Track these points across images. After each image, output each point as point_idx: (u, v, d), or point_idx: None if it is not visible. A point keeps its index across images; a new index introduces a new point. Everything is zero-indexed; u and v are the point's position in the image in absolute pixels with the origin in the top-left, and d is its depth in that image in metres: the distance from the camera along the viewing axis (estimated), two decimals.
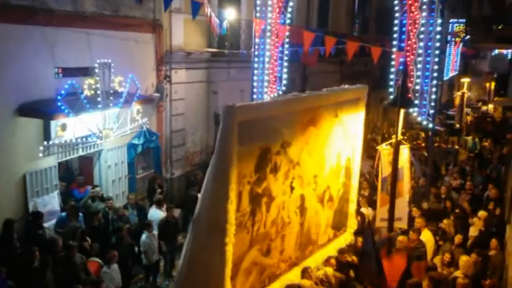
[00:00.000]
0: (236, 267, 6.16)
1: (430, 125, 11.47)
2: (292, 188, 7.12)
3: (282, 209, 6.97)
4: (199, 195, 6.14)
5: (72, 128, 9.67)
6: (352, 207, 9.15)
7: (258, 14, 12.63)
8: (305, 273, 7.37)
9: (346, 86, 8.89)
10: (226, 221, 5.74)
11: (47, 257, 7.57)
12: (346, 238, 8.99)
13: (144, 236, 9.29)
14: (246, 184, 6.12)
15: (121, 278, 8.40)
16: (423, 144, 17.12)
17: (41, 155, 9.32)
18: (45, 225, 9.03)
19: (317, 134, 7.47)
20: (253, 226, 6.42)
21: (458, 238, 9.09)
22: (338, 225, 8.75)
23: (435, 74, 11.19)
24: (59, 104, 8.88)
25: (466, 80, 24.19)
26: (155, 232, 9.63)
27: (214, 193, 5.82)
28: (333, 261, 7.97)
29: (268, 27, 12.57)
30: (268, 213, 6.67)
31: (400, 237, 8.78)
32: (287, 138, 6.75)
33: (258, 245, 6.62)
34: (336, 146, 8.13)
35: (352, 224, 9.28)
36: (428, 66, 11.16)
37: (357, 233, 9.18)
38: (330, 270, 7.70)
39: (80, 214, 9.51)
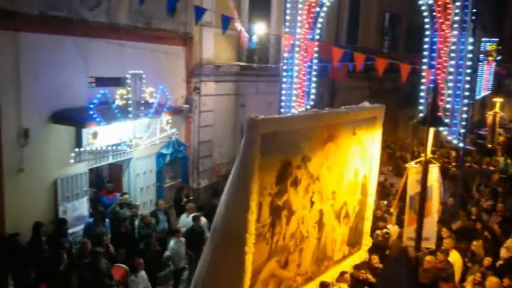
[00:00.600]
0: (254, 278, 6.18)
1: (461, 144, 11.28)
2: (312, 203, 7.17)
3: (302, 223, 7.00)
4: (219, 205, 6.17)
5: (103, 136, 9.89)
6: (367, 225, 8.99)
7: (287, 29, 12.75)
8: (324, 287, 7.42)
9: (365, 103, 8.90)
10: (246, 231, 5.77)
11: (73, 261, 7.71)
12: (361, 255, 8.86)
13: (172, 242, 9.37)
14: (267, 196, 6.19)
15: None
16: (453, 163, 16.81)
17: (72, 161, 9.55)
18: (74, 230, 9.22)
19: (336, 151, 7.50)
20: (272, 238, 6.47)
21: (487, 260, 8.86)
22: (353, 243, 8.66)
23: (466, 93, 11.02)
24: (91, 112, 9.10)
25: (498, 100, 23.68)
26: (183, 239, 9.70)
27: (235, 203, 5.88)
28: (347, 276, 8.00)
29: (297, 43, 12.65)
30: (288, 226, 6.70)
31: (428, 257, 8.62)
32: (307, 153, 6.81)
33: (277, 256, 6.65)
34: (353, 163, 8.14)
35: (367, 241, 9.09)
36: (459, 85, 11.01)
37: (371, 250, 9.08)
38: (344, 287, 7.80)
39: (107, 220, 9.66)
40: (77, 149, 9.58)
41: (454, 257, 8.98)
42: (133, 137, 10.25)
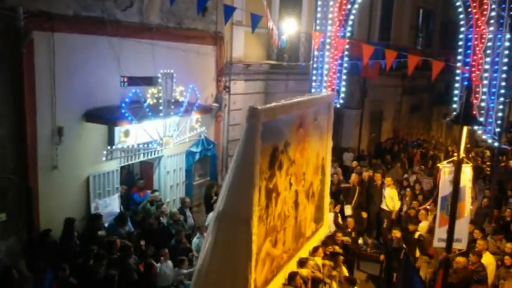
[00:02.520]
0: (256, 259, 6.56)
1: (496, 144, 10.97)
2: (290, 184, 7.73)
3: (284, 204, 7.56)
4: (222, 190, 6.52)
5: (135, 134, 10.05)
6: (326, 202, 9.66)
7: (317, 27, 12.66)
8: (302, 263, 8.00)
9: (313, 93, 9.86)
10: (251, 214, 6.17)
11: (101, 252, 7.87)
12: (324, 231, 9.58)
13: (195, 238, 9.46)
14: (263, 180, 6.64)
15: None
16: (488, 163, 16.37)
17: (104, 159, 9.76)
18: (106, 225, 9.42)
19: (304, 135, 8.08)
20: (267, 219, 6.94)
21: None
22: (317, 219, 9.23)
23: (502, 91, 10.72)
24: (123, 111, 9.26)
25: None
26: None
27: (241, 188, 6.21)
28: (320, 251, 8.81)
29: (328, 40, 12.55)
30: (276, 208, 7.22)
31: (458, 258, 8.45)
32: (288, 139, 7.35)
33: (270, 236, 7.14)
34: (315, 146, 8.74)
35: (327, 217, 9.80)
36: (495, 82, 10.71)
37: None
38: (319, 260, 8.57)
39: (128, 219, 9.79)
40: (109, 147, 9.78)
41: (488, 259, 8.77)
42: (164, 135, 10.39)
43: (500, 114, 10.70)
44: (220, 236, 6.33)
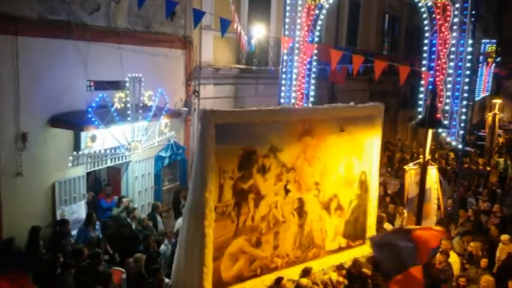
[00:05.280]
0: (220, 251, 7.08)
1: (460, 146, 11.28)
2: (287, 191, 7.86)
3: (275, 208, 7.73)
4: (189, 186, 7.18)
5: (102, 139, 9.87)
6: (370, 220, 9.34)
7: (286, 32, 12.76)
8: (305, 273, 7.81)
9: (353, 103, 9.19)
10: (205, 207, 6.68)
11: (69, 261, 7.70)
12: (364, 250, 9.12)
13: (163, 245, 9.33)
14: (227, 179, 7.01)
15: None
16: (451, 165, 16.80)
17: (70, 164, 9.56)
18: (72, 232, 9.21)
19: (317, 144, 8.11)
20: (238, 217, 7.27)
21: (484, 262, 8.86)
22: (352, 236, 9.07)
23: (465, 95, 11.02)
24: (90, 116, 9.11)
25: (498, 101, 23.69)
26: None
27: (195, 183, 6.83)
28: (343, 271, 8.21)
29: (297, 45, 12.66)
30: (257, 209, 7.48)
31: (438, 256, 8.63)
32: (276, 144, 7.53)
33: (245, 235, 7.41)
34: (344, 158, 8.66)
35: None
36: (458, 86, 11.00)
37: None
38: (334, 276, 8.12)
39: (97, 223, 9.63)
40: (75, 153, 9.59)
41: (453, 259, 8.98)
42: (132, 140, 10.25)
43: (463, 117, 11.00)
44: (183, 229, 7.08)
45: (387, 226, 10.40)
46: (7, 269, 7.39)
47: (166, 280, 7.75)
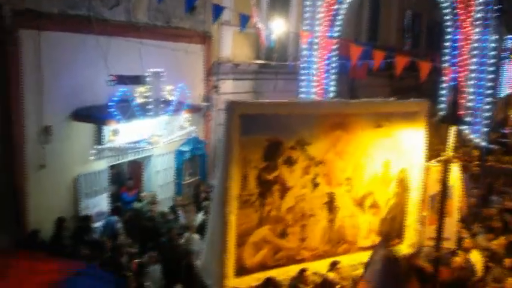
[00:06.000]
0: (243, 239, 7.26)
1: (483, 143, 11.09)
2: (315, 184, 7.85)
3: (302, 201, 7.77)
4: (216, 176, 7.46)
5: (124, 133, 9.93)
6: (410, 220, 9.11)
7: (306, 27, 12.69)
8: (333, 266, 7.86)
9: (391, 99, 9.10)
10: (227, 195, 6.89)
11: (92, 252, 7.83)
12: (401, 249, 8.94)
13: (184, 238, 9.39)
14: (252, 169, 7.17)
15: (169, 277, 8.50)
16: (475, 162, 16.52)
17: (92, 158, 9.66)
18: (94, 226, 9.34)
19: (349, 139, 8.02)
20: (262, 207, 7.39)
21: (508, 262, 8.70)
22: (389, 235, 8.87)
23: (489, 91, 10.84)
24: (112, 110, 9.19)
25: None
26: (196, 235, 9.70)
27: (220, 172, 7.04)
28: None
29: (316, 40, 12.58)
30: (283, 200, 7.56)
31: (455, 258, 8.57)
32: (304, 137, 7.54)
33: (270, 225, 7.52)
34: (380, 155, 8.46)
35: (411, 236, 9.16)
36: (481, 83, 10.83)
37: None
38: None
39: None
40: (97, 146, 9.68)
41: (476, 257, 8.85)
42: (153, 134, 10.33)
43: (487, 114, 10.82)
44: (210, 216, 7.45)
45: None
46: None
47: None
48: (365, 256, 8.25)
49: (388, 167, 8.62)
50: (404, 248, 9.02)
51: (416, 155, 8.85)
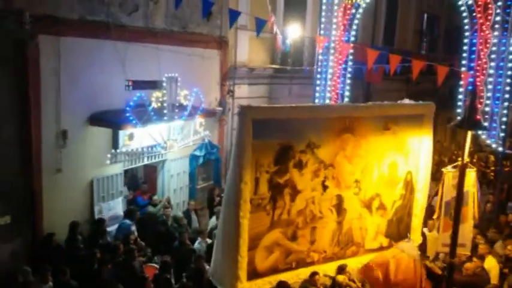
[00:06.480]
0: (254, 242, 7.30)
1: (500, 149, 10.93)
2: (325, 187, 7.90)
3: (312, 203, 7.81)
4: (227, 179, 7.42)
5: (139, 138, 10.06)
6: (415, 221, 9.19)
7: (322, 32, 12.68)
8: (341, 270, 7.91)
9: (405, 100, 9.20)
10: (240, 198, 6.93)
11: (105, 256, 7.90)
12: None
13: (196, 242, 9.46)
14: (264, 173, 7.22)
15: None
16: (492, 168, 16.29)
17: (108, 162, 9.78)
18: (109, 229, 9.43)
19: (357, 142, 8.07)
20: (274, 210, 7.44)
21: None
22: (395, 236, 8.98)
23: (507, 96, 10.68)
24: (128, 114, 9.30)
25: None
26: (208, 240, 9.74)
27: (232, 176, 7.08)
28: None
29: (332, 45, 12.56)
30: (293, 204, 7.61)
31: (467, 264, 8.46)
32: (314, 140, 7.59)
33: (281, 228, 7.56)
34: (387, 157, 8.53)
35: (416, 238, 9.24)
36: (499, 87, 10.68)
37: None
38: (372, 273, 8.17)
39: None
40: (113, 150, 9.80)
41: (491, 263, 8.74)
42: (168, 139, 10.42)
43: (504, 118, 10.66)
44: (221, 220, 7.44)
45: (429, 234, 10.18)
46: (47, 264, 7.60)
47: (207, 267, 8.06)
48: (373, 258, 8.46)
49: (395, 169, 8.70)
50: None
51: (422, 157, 8.92)
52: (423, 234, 9.87)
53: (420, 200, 9.11)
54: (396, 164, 8.67)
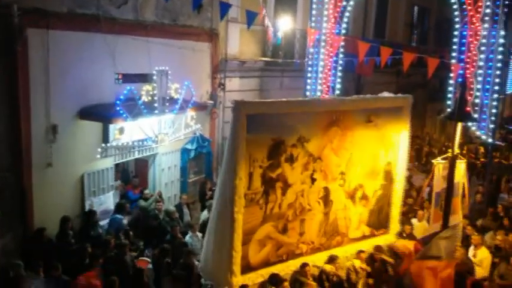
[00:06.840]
0: (248, 237, 7.41)
1: (490, 140, 11.03)
2: (313, 180, 8.07)
3: (301, 196, 7.99)
4: (219, 174, 7.43)
5: (130, 131, 10.00)
6: (394, 211, 9.50)
7: (313, 24, 12.66)
8: (331, 260, 8.15)
9: (384, 93, 9.40)
10: (234, 194, 7.01)
11: (96, 251, 7.88)
12: (387, 239, 9.37)
13: (187, 236, 9.46)
14: (257, 167, 7.30)
15: None
16: (481, 159, 16.45)
17: (98, 156, 9.72)
18: (100, 223, 9.39)
19: (343, 135, 8.29)
20: (266, 204, 7.57)
21: None
22: (376, 225, 9.28)
23: (496, 88, 10.76)
24: (118, 108, 9.24)
25: None
26: (199, 233, 9.74)
27: (226, 171, 7.13)
28: (363, 255, 8.51)
29: (323, 37, 12.55)
30: (285, 197, 7.75)
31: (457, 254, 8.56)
32: (304, 134, 7.74)
33: (273, 222, 7.71)
34: (370, 148, 8.78)
35: (395, 226, 9.58)
36: (489, 79, 10.75)
37: None
38: (357, 263, 8.38)
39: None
40: (103, 144, 9.74)
41: (484, 254, 8.85)
42: (159, 132, 10.37)
43: (494, 110, 10.74)
44: (214, 215, 7.42)
45: (417, 223, 10.28)
46: (39, 259, 7.56)
47: (196, 262, 8.07)
48: (356, 247, 8.81)
49: (377, 160, 8.96)
50: (390, 238, 9.40)
51: (401, 148, 9.18)
52: (412, 224, 9.99)
53: (398, 189, 9.39)
54: (378, 155, 8.94)
